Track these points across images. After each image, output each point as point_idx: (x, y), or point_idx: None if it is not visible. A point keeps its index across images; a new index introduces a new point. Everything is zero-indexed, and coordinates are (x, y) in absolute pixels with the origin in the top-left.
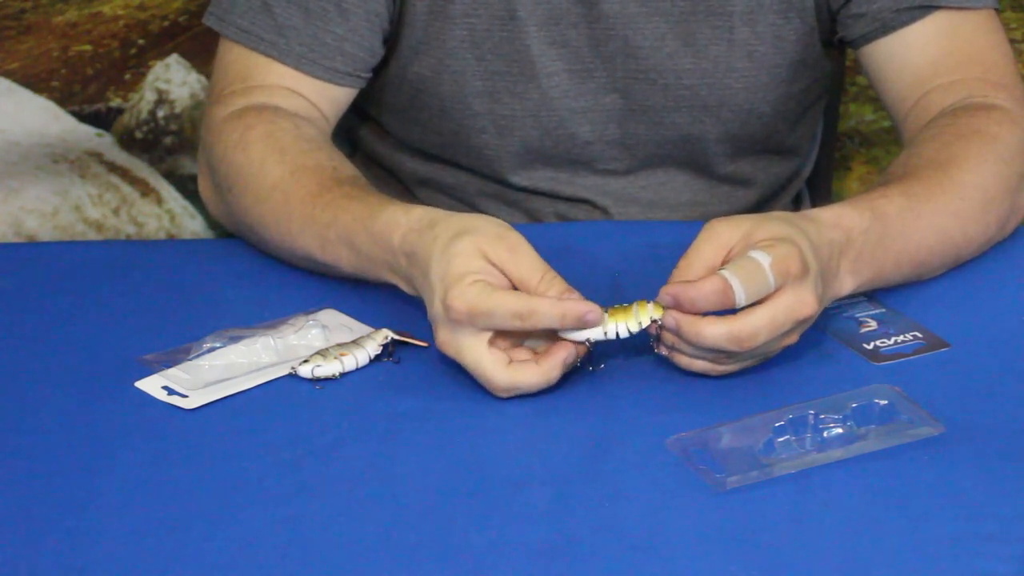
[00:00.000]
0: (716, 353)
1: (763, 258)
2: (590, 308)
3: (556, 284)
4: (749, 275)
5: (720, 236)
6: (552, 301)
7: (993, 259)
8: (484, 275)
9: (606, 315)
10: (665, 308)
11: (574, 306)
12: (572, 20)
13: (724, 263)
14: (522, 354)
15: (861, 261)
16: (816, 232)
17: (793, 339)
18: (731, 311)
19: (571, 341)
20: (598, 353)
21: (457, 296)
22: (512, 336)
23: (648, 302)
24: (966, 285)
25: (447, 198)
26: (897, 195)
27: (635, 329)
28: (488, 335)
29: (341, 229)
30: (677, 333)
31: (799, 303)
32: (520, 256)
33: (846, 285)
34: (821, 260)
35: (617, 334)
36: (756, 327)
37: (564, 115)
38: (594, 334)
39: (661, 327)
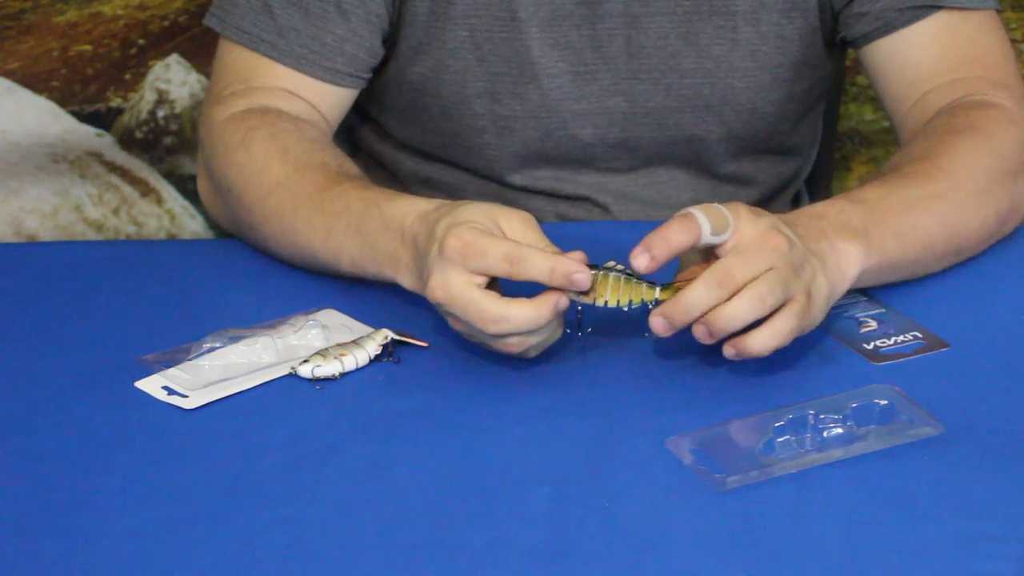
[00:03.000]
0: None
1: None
2: (580, 269)
3: None
4: (707, 208)
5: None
6: (545, 253)
7: (993, 259)
8: (487, 228)
9: (599, 278)
10: (657, 285)
11: (565, 263)
12: (575, 21)
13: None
14: None
15: (850, 230)
16: (787, 219)
17: (794, 285)
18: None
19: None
20: (588, 320)
21: (454, 235)
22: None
23: (644, 283)
24: (966, 285)
25: (447, 198)
26: (875, 186)
27: (626, 308)
28: (480, 279)
29: (352, 217)
30: (674, 326)
31: (762, 235)
32: (529, 230)
33: (849, 255)
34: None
35: (606, 302)
36: (727, 262)
37: (566, 117)
38: (583, 300)
39: (652, 306)
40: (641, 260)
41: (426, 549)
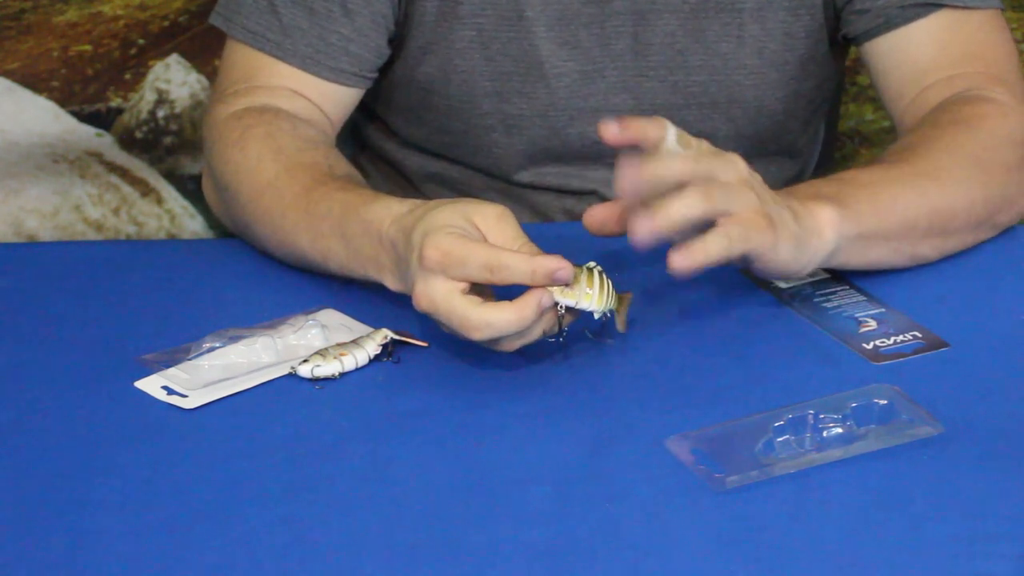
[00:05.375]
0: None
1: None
2: (561, 265)
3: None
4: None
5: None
6: (524, 256)
7: (993, 259)
8: (463, 231)
9: (583, 280)
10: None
11: (545, 262)
12: (583, 20)
13: None
14: None
15: (822, 196)
16: None
17: (743, 200)
18: None
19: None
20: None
21: (431, 243)
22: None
23: (618, 293)
24: (966, 285)
25: (453, 192)
26: (851, 170)
27: (598, 316)
28: (462, 285)
29: (334, 220)
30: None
31: (727, 155)
32: (505, 225)
33: (823, 215)
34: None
35: (591, 298)
36: (671, 161)
37: (573, 115)
38: (566, 300)
39: (606, 317)
40: (610, 127)
41: (426, 549)
